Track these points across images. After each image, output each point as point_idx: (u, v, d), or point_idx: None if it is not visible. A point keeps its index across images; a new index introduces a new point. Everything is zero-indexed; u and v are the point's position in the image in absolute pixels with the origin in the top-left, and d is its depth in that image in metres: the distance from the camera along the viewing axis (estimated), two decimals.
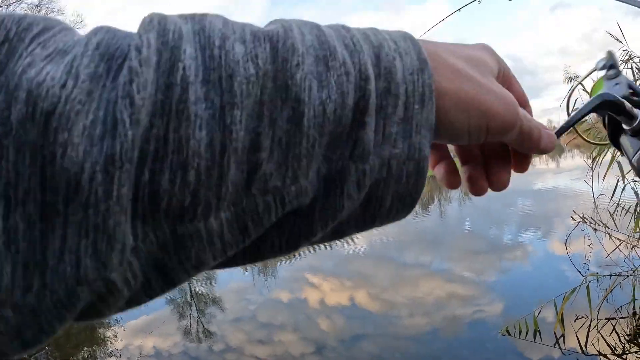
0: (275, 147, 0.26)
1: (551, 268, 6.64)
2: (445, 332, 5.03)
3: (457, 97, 0.32)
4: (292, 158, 0.26)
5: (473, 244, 9.68)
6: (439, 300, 6.11)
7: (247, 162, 0.26)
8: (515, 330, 4.48)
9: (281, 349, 5.27)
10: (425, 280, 7.35)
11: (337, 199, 0.29)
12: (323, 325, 5.97)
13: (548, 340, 4.21)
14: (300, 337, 5.61)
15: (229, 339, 5.94)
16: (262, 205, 0.26)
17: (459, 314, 5.45)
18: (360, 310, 6.35)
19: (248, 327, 6.41)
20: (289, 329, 6.02)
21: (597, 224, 4.54)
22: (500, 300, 5.69)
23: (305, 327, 6.02)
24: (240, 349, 5.52)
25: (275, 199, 0.27)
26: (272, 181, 0.26)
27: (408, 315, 5.74)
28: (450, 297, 6.15)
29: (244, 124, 0.25)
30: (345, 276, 8.82)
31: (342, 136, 0.28)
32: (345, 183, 0.29)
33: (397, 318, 5.73)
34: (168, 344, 6.09)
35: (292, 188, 0.27)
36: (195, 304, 8.57)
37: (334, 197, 0.29)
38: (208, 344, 5.88)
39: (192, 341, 6.13)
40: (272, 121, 0.26)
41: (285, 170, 0.26)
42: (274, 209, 0.27)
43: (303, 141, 0.26)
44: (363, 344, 5.13)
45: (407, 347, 4.84)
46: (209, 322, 6.93)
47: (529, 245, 8.44)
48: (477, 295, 6.09)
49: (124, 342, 6.53)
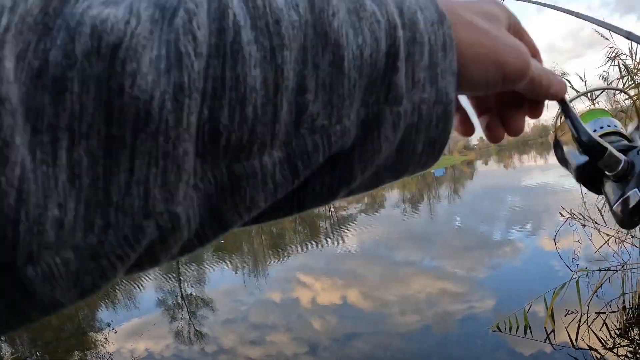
0: (320, 89, 0.28)
1: (541, 264, 6.70)
2: (437, 329, 5.06)
3: (474, 49, 0.35)
4: (336, 99, 0.28)
5: (463, 240, 9.74)
6: (430, 297, 6.15)
7: (295, 104, 0.27)
8: (506, 326, 4.51)
9: (274, 350, 5.26)
10: (416, 278, 7.39)
11: (374, 141, 0.31)
12: (316, 325, 5.97)
13: (539, 336, 4.24)
14: (293, 337, 5.61)
15: (222, 341, 5.92)
16: (310, 145, 0.28)
17: (450, 311, 5.49)
18: (352, 309, 6.36)
19: (240, 328, 6.39)
20: (282, 329, 6.01)
21: (586, 219, 4.59)
22: (490, 297, 5.73)
23: (298, 327, 6.02)
24: (232, 350, 5.51)
25: (323, 138, 0.28)
26: (318, 121, 0.28)
27: (400, 313, 5.77)
28: (441, 294, 6.19)
29: (293, 65, 0.26)
30: (336, 275, 8.83)
31: (377, 81, 0.30)
32: (382, 126, 0.31)
33: (388, 316, 5.75)
34: (160, 347, 6.05)
35: (337, 127, 0.29)
36: (186, 306, 8.54)
37: (371, 140, 0.31)
38: (200, 346, 5.85)
39: (183, 343, 6.10)
40: (315, 65, 0.27)
41: (330, 110, 0.28)
42: (321, 149, 0.29)
43: (345, 82, 0.28)
44: (356, 342, 5.14)
45: (399, 344, 4.86)
46: (200, 324, 6.90)
47: (519, 241, 8.51)
48: (467, 292, 6.13)
49: (116, 346, 6.48)
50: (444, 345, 4.67)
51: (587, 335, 4.06)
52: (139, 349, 6.11)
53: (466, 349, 4.44)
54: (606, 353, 3.76)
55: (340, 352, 4.95)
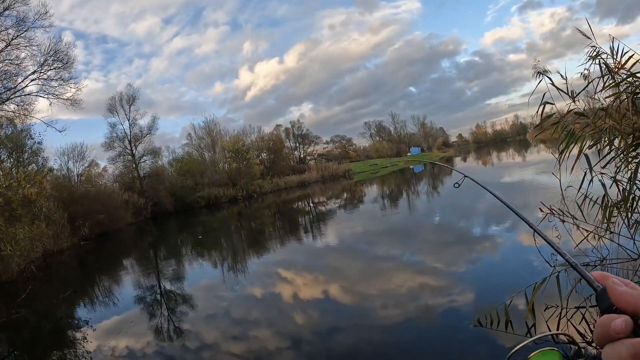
0: None
1: (520, 259, 6.80)
2: (418, 323, 5.10)
3: None
4: None
5: (443, 236, 9.83)
6: (411, 291, 6.19)
7: None
8: (487, 320, 4.57)
9: (257, 345, 5.24)
10: (396, 273, 7.42)
11: None
12: (298, 320, 5.97)
13: (519, 330, 4.30)
14: (276, 332, 5.59)
15: (204, 337, 5.86)
16: None
17: (431, 305, 5.54)
18: (334, 303, 6.37)
19: (222, 324, 6.35)
20: (264, 324, 5.99)
21: (565, 215, 4.65)
22: (471, 291, 5.80)
23: (280, 321, 6.00)
24: (215, 345, 5.46)
25: None
26: None
27: (381, 307, 5.79)
28: (422, 289, 6.24)
29: None
30: (317, 270, 8.84)
31: None
32: None
33: (370, 310, 5.77)
34: (141, 344, 5.96)
35: None
36: (165, 303, 8.44)
37: None
38: (182, 342, 5.78)
39: (163, 340, 6.02)
40: None
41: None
42: None
43: None
44: (338, 336, 5.14)
45: (381, 338, 4.88)
46: (180, 320, 6.83)
47: (498, 237, 8.63)
48: (448, 286, 6.19)
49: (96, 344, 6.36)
50: (425, 339, 4.71)
51: (566, 329, 4.13)
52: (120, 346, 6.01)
53: (448, 344, 4.49)
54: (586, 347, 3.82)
55: (324, 345, 4.95)
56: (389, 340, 4.83)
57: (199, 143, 52.23)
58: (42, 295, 11.05)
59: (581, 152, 4.10)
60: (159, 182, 41.23)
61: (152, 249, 19.25)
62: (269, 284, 8.27)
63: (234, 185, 45.83)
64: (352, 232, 13.15)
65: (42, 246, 19.02)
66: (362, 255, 9.65)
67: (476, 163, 43.34)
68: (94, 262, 17.72)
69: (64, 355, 6.41)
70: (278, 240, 14.51)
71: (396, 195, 23.82)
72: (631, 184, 3.79)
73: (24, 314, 8.44)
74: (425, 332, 4.88)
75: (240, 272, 10.35)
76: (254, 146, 58.00)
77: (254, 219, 24.55)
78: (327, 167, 59.32)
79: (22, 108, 22.22)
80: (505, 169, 27.99)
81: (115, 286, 11.37)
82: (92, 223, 25.23)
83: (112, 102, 42.92)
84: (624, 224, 4.14)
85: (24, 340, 7.34)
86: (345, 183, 44.69)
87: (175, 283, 10.34)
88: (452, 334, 4.67)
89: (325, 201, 28.29)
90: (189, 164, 46.71)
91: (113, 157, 42.29)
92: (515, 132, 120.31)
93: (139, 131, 43.43)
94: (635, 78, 3.75)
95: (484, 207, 13.08)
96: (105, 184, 38.82)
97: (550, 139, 6.88)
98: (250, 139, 59.24)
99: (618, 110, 3.90)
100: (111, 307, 8.92)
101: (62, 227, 21.74)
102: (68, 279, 13.97)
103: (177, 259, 14.65)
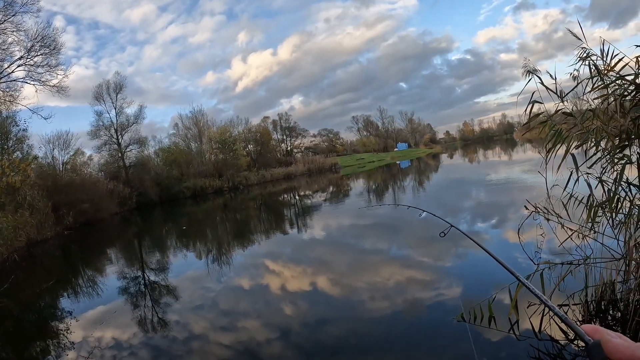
0: None
1: (504, 256, 6.82)
2: (404, 317, 5.14)
3: None
4: None
5: (428, 231, 9.86)
6: (398, 285, 6.23)
7: None
8: (471, 316, 4.62)
9: (246, 335, 5.24)
10: (383, 267, 7.46)
11: None
12: (286, 311, 5.97)
13: (503, 326, 4.36)
14: (263, 323, 5.59)
15: (191, 327, 5.84)
16: None
17: (417, 299, 5.58)
18: (322, 296, 6.39)
19: (209, 315, 6.34)
20: (251, 315, 5.99)
21: (550, 213, 4.69)
22: (456, 286, 5.85)
23: (267, 313, 6.00)
24: (204, 336, 5.45)
25: None
26: None
27: (368, 299, 5.83)
28: (408, 283, 6.28)
29: None
30: (305, 263, 8.85)
31: None
32: None
33: (357, 302, 5.80)
34: (127, 335, 5.92)
35: None
36: (149, 293, 8.39)
37: None
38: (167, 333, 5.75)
39: (147, 331, 5.99)
40: None
41: None
42: None
43: None
44: (325, 327, 5.17)
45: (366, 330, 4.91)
46: (165, 312, 6.79)
47: (483, 233, 8.69)
48: (433, 280, 6.24)
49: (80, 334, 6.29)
50: (410, 333, 4.74)
51: (549, 327, 4.19)
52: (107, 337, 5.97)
53: (432, 339, 4.52)
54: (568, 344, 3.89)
55: (312, 337, 4.97)
56: (374, 332, 4.86)
57: (185, 133, 51.91)
58: (25, 285, 10.91)
59: (568, 152, 4.14)
60: (145, 172, 40.91)
61: (137, 239, 19.12)
62: (255, 276, 8.26)
63: (220, 176, 45.65)
64: (338, 225, 13.18)
65: (26, 235, 18.80)
66: (348, 249, 9.69)
67: (462, 160, 43.60)
68: (77, 252, 17.54)
69: (47, 346, 6.34)
70: (264, 233, 14.49)
71: (382, 190, 23.90)
72: (616, 185, 3.85)
73: (6, 303, 8.32)
74: (409, 326, 4.92)
75: (226, 263, 10.32)
76: (241, 137, 57.80)
77: (240, 210, 24.48)
78: (314, 161, 59.36)
79: (7, 94, 21.87)
80: (491, 167, 28.20)
81: (99, 276, 11.27)
82: (77, 212, 24.98)
83: (99, 89, 42.50)
84: (609, 224, 4.21)
85: (6, 330, 7.26)
86: (331, 177, 44.72)
87: (160, 274, 10.28)
88: (436, 328, 4.71)
89: (311, 194, 28.28)
90: (176, 154, 46.39)
91: (99, 146, 41.90)
92: (502, 130, 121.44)
93: (125, 120, 43.05)
94: (624, 81, 3.79)
95: (469, 203, 13.19)
96: (90, 173, 38.48)
97: (537, 138, 6.93)
98: (237, 130, 59.03)
99: (606, 112, 3.95)
100: (95, 298, 8.84)
101: (46, 216, 21.50)
102: (52, 269, 13.83)
103: (162, 249, 14.57)
